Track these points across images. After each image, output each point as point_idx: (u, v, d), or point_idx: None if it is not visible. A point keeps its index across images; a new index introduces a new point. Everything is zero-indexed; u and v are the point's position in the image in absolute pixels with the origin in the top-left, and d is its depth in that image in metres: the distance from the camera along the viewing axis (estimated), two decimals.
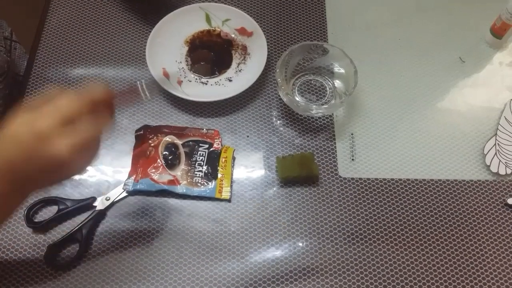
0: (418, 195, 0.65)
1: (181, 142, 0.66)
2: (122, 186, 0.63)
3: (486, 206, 0.65)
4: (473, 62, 0.76)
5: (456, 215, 0.64)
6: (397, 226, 0.63)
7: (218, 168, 0.65)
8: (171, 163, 0.65)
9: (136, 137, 0.67)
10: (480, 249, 0.62)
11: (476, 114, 0.72)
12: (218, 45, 0.75)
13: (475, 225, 0.63)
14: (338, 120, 0.70)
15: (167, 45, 0.73)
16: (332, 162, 0.67)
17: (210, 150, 0.66)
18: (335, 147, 0.68)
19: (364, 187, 0.65)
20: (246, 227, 0.62)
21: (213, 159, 0.65)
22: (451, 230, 0.63)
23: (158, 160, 0.64)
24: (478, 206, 0.65)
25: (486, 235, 0.63)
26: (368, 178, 0.66)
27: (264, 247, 0.61)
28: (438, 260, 0.61)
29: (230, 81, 0.72)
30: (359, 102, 0.72)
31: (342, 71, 0.71)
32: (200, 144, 0.66)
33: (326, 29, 0.78)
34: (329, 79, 0.73)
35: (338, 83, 0.72)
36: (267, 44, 0.72)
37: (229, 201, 0.64)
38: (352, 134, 0.69)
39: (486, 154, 0.67)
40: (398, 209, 0.64)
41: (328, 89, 0.72)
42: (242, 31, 0.75)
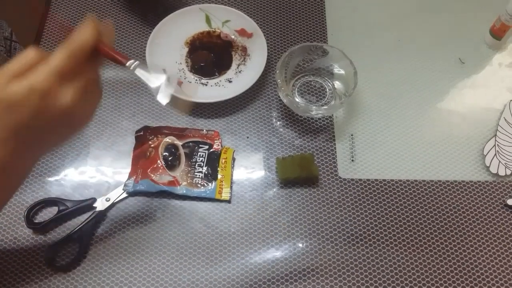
0: (418, 196, 0.65)
1: (181, 143, 0.66)
2: (122, 187, 0.63)
3: (486, 207, 0.65)
4: (472, 63, 0.77)
5: (456, 216, 0.64)
6: (397, 227, 0.63)
7: (218, 169, 0.65)
8: (171, 164, 0.65)
9: (136, 138, 0.67)
10: (480, 249, 0.62)
11: (475, 115, 0.72)
12: (218, 46, 0.76)
13: (475, 226, 0.63)
14: (338, 121, 0.71)
15: (167, 46, 0.74)
16: (332, 163, 0.67)
17: (210, 151, 0.66)
18: (335, 148, 0.68)
19: (364, 188, 0.65)
20: (246, 228, 0.62)
21: (213, 160, 0.65)
22: (451, 231, 0.63)
23: (158, 161, 0.65)
24: (478, 207, 0.65)
25: (486, 236, 0.63)
26: (368, 179, 0.66)
27: (264, 248, 0.61)
28: (438, 261, 0.61)
29: (230, 82, 0.72)
30: (359, 103, 0.72)
31: (342, 72, 0.71)
32: (200, 145, 0.66)
33: (326, 30, 0.78)
34: (329, 80, 0.73)
35: (338, 84, 0.72)
36: (267, 45, 0.72)
37: (229, 202, 0.64)
38: (352, 135, 0.69)
39: (486, 155, 0.67)
40: (398, 210, 0.64)
41: (328, 90, 0.73)
42: (242, 32, 0.75)
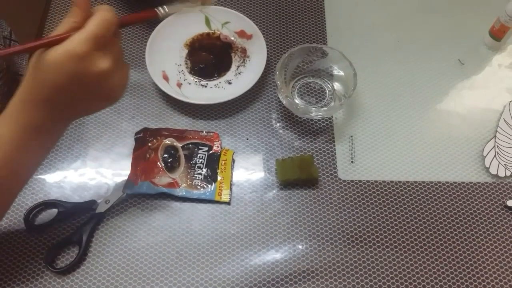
0: (417, 197, 0.65)
1: (180, 145, 0.66)
2: (121, 189, 0.63)
3: (486, 208, 0.65)
4: (472, 64, 0.77)
5: (455, 217, 0.64)
6: (396, 228, 0.63)
7: (218, 170, 0.65)
8: (171, 166, 0.65)
9: (135, 140, 0.67)
10: (479, 251, 0.62)
11: (475, 116, 0.72)
12: (218, 47, 0.76)
13: (475, 227, 0.63)
14: (337, 122, 0.71)
15: (167, 48, 0.74)
16: (331, 165, 0.67)
17: (209, 152, 0.66)
18: (335, 150, 0.68)
19: (363, 190, 0.65)
20: (246, 230, 0.62)
21: (212, 162, 0.65)
22: (451, 232, 0.63)
23: (158, 163, 0.64)
24: (478, 208, 0.65)
25: (485, 237, 0.63)
26: (367, 181, 0.66)
27: (263, 250, 0.61)
28: (438, 262, 0.61)
29: (230, 83, 0.72)
30: (359, 105, 0.72)
31: (342, 74, 0.71)
32: (199, 146, 0.66)
33: (325, 31, 0.78)
34: (328, 82, 0.73)
35: (338, 86, 0.72)
36: (267, 46, 0.72)
37: (228, 203, 0.64)
38: (351, 137, 0.69)
39: (486, 156, 0.67)
40: (398, 211, 0.64)
41: (327, 91, 0.73)
42: (242, 34, 0.75)
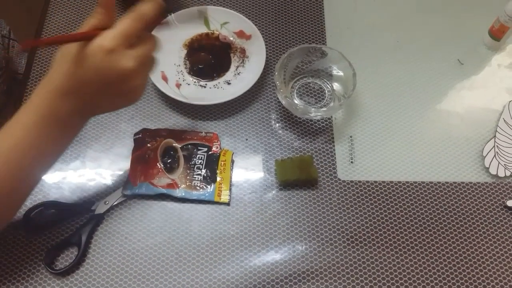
0: (417, 198, 0.65)
1: (180, 146, 0.66)
2: (120, 190, 0.63)
3: (485, 208, 0.65)
4: (471, 64, 0.77)
5: (455, 218, 0.64)
6: (396, 228, 0.63)
7: (217, 171, 0.65)
8: (170, 167, 0.65)
9: (134, 140, 0.67)
10: (479, 251, 0.62)
11: (474, 116, 0.72)
12: (217, 48, 0.75)
13: (474, 227, 0.63)
14: (337, 122, 0.70)
15: (166, 48, 0.72)
16: (331, 165, 0.67)
17: (209, 153, 0.66)
18: (334, 150, 0.68)
19: (363, 190, 0.65)
20: (245, 231, 0.62)
21: (212, 163, 0.65)
22: (451, 232, 0.63)
23: (157, 163, 0.64)
24: (477, 208, 0.65)
25: (485, 238, 0.63)
26: (367, 181, 0.66)
27: (263, 251, 0.61)
28: (438, 262, 0.61)
29: (229, 84, 0.72)
30: (358, 105, 0.72)
31: (341, 74, 0.71)
32: (199, 147, 0.66)
33: (325, 31, 0.78)
34: (327, 82, 0.73)
35: (337, 86, 0.72)
36: (266, 47, 0.72)
37: (228, 204, 0.64)
38: (351, 137, 0.69)
39: (485, 156, 0.67)
40: (397, 211, 0.64)
41: (326, 91, 0.72)
42: (241, 34, 0.75)
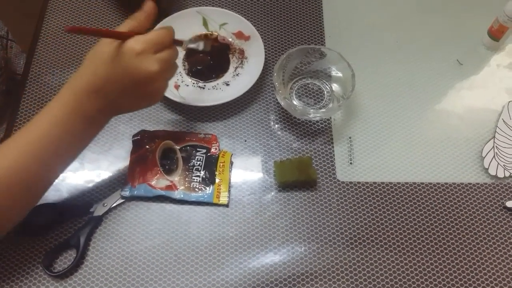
0: (416, 199, 0.65)
1: (178, 147, 0.66)
2: (119, 191, 0.63)
3: (485, 209, 0.65)
4: (470, 65, 0.76)
5: (454, 219, 0.64)
6: (395, 230, 0.63)
7: (216, 173, 0.64)
8: (169, 168, 0.64)
9: (133, 142, 0.67)
10: (479, 252, 0.62)
11: (474, 117, 0.72)
12: (215, 49, 0.75)
13: (474, 228, 0.63)
14: (336, 123, 0.70)
15: None
16: (330, 166, 0.67)
17: (207, 155, 0.66)
18: (333, 151, 0.68)
19: (362, 191, 0.65)
20: (244, 232, 0.62)
21: (210, 164, 0.65)
22: (450, 233, 0.63)
23: (156, 165, 0.64)
24: (477, 209, 0.64)
25: (485, 239, 0.63)
26: (366, 182, 0.66)
27: (262, 252, 0.61)
28: (437, 264, 0.61)
29: (228, 85, 0.72)
30: (357, 106, 0.72)
31: (340, 75, 0.71)
32: (197, 149, 0.66)
33: (324, 32, 0.78)
34: (326, 83, 0.73)
35: (336, 87, 0.72)
36: (265, 48, 0.72)
37: (227, 206, 0.63)
38: (350, 138, 0.69)
39: (485, 157, 0.67)
40: (397, 212, 0.64)
41: (325, 92, 0.72)
42: (239, 35, 0.75)
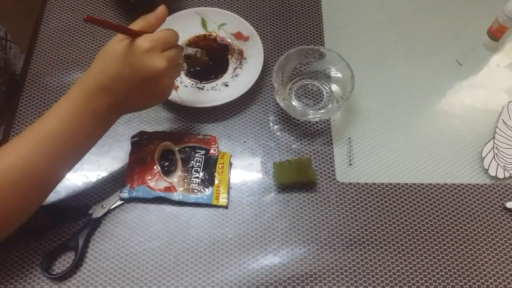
0: (416, 200, 0.65)
1: (177, 148, 0.66)
2: (118, 193, 0.63)
3: (485, 210, 0.64)
4: (470, 65, 0.76)
5: (454, 219, 0.64)
6: (395, 231, 0.63)
7: (215, 174, 0.64)
8: (168, 170, 0.64)
9: (132, 143, 0.66)
10: (479, 253, 0.62)
11: (473, 117, 0.72)
12: (214, 49, 0.75)
13: (474, 229, 0.63)
14: (335, 124, 0.70)
15: None
16: (329, 167, 0.67)
17: (206, 156, 0.65)
18: (333, 152, 0.68)
19: (362, 192, 0.65)
20: (244, 234, 0.62)
21: (209, 165, 0.65)
22: (450, 234, 0.63)
23: (154, 166, 0.64)
24: (477, 210, 0.64)
25: (485, 239, 0.62)
26: (366, 183, 0.66)
27: (261, 254, 0.60)
28: (437, 265, 0.61)
29: (227, 86, 0.72)
30: (357, 107, 0.72)
31: (339, 75, 0.70)
32: (196, 150, 0.66)
33: (323, 33, 0.78)
34: (326, 84, 0.73)
35: (335, 87, 0.72)
36: (264, 48, 0.72)
37: (226, 207, 0.63)
38: (349, 139, 0.69)
39: (484, 158, 0.67)
40: (396, 213, 0.64)
41: (325, 93, 0.72)
42: (238, 36, 0.75)
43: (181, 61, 0.58)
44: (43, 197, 0.56)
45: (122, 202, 0.63)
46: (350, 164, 0.67)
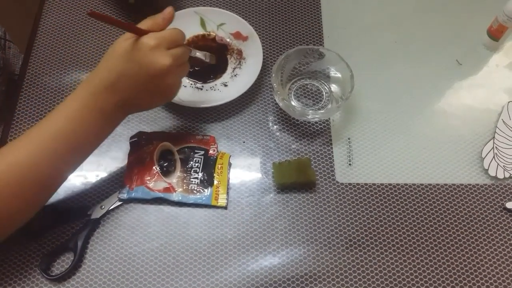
0: (416, 200, 0.65)
1: (176, 149, 0.66)
2: (117, 194, 0.62)
3: (485, 210, 0.64)
4: (470, 65, 0.76)
5: (454, 220, 0.63)
6: (395, 231, 0.62)
7: (214, 174, 0.64)
8: (167, 170, 0.64)
9: (130, 144, 0.66)
10: (479, 254, 0.61)
11: (473, 117, 0.72)
12: (213, 49, 0.75)
13: (474, 229, 0.63)
14: (334, 124, 0.70)
15: None
16: (329, 167, 0.66)
17: (205, 156, 0.65)
18: (332, 152, 0.68)
19: (361, 192, 0.65)
20: (243, 234, 0.61)
21: (209, 166, 0.65)
22: (450, 235, 0.62)
23: (153, 167, 0.64)
24: (477, 210, 0.64)
25: (484, 240, 0.62)
26: (365, 183, 0.65)
27: (261, 255, 0.60)
28: (437, 265, 0.60)
29: (226, 86, 0.72)
30: (356, 107, 0.71)
31: (339, 75, 0.70)
32: (195, 150, 0.66)
33: (322, 33, 0.78)
34: (325, 84, 0.72)
35: (335, 87, 0.72)
36: (263, 48, 0.72)
37: (225, 208, 0.63)
38: (349, 139, 0.69)
39: (484, 158, 0.67)
40: (396, 214, 0.64)
41: (324, 93, 0.72)
42: (237, 36, 0.75)
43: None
44: (48, 196, 0.56)
45: (121, 202, 0.63)
46: (350, 164, 0.67)
